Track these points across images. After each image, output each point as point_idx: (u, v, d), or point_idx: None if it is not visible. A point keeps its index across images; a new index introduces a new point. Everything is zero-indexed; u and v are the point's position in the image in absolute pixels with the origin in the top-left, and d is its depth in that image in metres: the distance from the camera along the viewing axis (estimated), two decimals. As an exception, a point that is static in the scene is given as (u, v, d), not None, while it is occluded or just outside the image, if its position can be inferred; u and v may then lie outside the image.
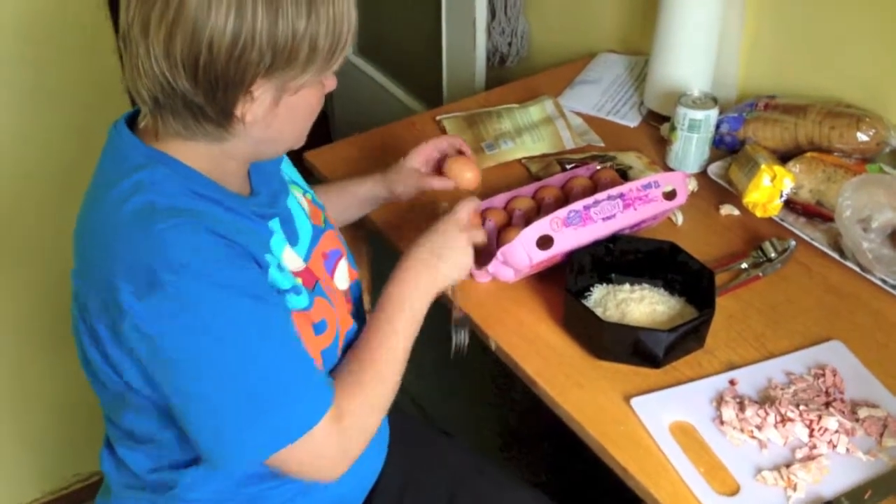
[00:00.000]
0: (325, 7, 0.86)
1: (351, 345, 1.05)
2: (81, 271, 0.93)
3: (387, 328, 1.03)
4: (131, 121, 0.96)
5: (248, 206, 0.97)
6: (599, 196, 1.20)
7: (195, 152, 0.92)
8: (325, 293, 1.02)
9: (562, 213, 1.17)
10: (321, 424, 0.91)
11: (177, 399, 0.89)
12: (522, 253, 1.15)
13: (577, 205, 1.19)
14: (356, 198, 1.30)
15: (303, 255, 1.03)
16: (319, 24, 0.86)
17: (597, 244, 1.20)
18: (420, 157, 1.27)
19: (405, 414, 1.26)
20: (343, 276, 1.11)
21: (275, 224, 1.00)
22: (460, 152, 1.29)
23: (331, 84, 0.96)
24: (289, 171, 1.14)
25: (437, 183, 1.25)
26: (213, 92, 0.86)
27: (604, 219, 1.19)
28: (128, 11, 0.85)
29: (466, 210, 1.12)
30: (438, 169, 1.28)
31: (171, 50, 0.83)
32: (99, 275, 0.88)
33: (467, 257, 1.10)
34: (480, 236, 1.14)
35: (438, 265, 1.07)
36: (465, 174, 1.24)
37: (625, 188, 1.22)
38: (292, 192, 1.09)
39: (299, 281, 0.98)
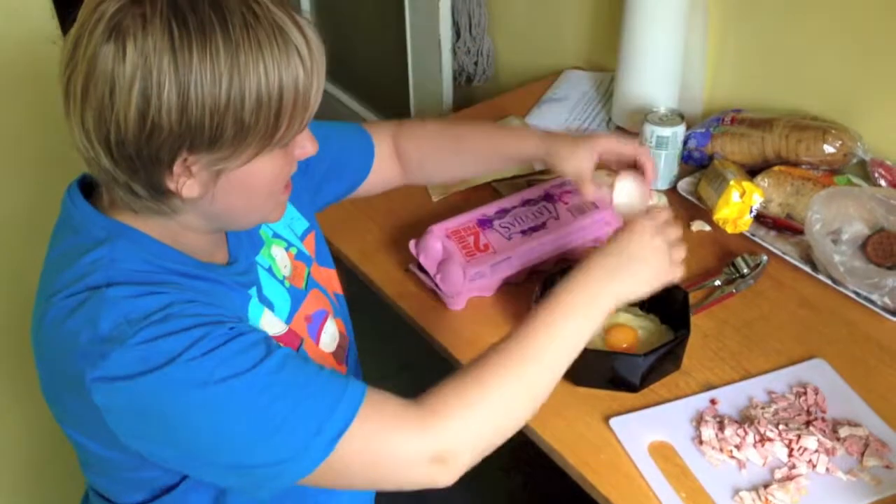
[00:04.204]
0: (252, 76, 0.74)
1: None
2: (45, 376, 0.85)
3: (529, 337, 0.86)
4: (86, 185, 0.88)
5: (225, 275, 0.89)
6: (507, 203, 1.31)
7: (154, 223, 0.85)
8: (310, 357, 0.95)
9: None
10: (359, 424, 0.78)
11: (172, 451, 0.79)
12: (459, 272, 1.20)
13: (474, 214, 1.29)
14: (501, 155, 1.16)
15: (283, 320, 0.96)
16: (245, 97, 0.74)
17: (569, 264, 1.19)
18: (602, 150, 1.12)
19: None
20: (331, 338, 1.03)
21: (253, 292, 0.93)
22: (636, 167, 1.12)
23: (305, 151, 0.86)
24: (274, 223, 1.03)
25: (592, 193, 1.11)
26: (133, 171, 0.77)
27: (532, 228, 1.27)
28: (61, 84, 0.77)
29: (667, 213, 0.99)
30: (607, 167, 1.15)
31: (85, 126, 0.76)
32: (65, 374, 0.79)
33: (666, 263, 0.96)
34: (680, 248, 0.99)
35: (629, 272, 0.92)
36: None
37: (538, 189, 1.35)
38: (268, 249, 1.00)
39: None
